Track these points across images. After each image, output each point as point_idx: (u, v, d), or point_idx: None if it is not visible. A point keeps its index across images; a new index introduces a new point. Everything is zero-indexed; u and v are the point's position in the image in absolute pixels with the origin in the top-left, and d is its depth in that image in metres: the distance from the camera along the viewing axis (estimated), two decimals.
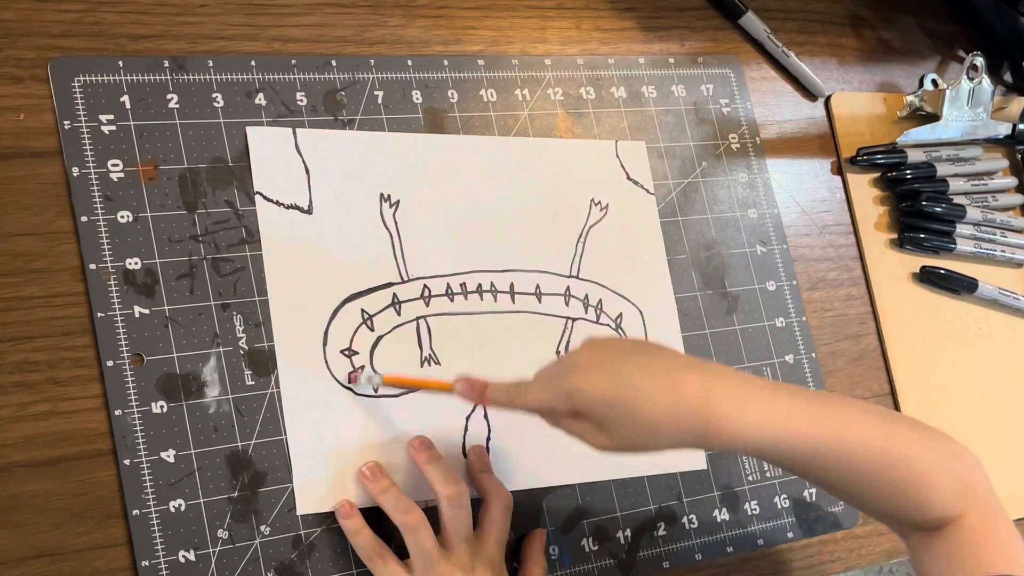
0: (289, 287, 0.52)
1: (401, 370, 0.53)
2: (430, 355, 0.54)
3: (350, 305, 0.53)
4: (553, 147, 0.61)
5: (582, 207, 0.61)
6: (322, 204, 0.54)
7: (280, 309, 0.52)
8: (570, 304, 0.59)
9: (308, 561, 0.50)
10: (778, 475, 0.63)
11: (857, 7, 0.77)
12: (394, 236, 0.55)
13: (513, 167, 0.60)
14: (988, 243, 0.73)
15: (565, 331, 0.58)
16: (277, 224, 0.53)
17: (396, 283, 0.55)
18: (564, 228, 0.60)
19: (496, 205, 0.58)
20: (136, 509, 0.47)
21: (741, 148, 0.68)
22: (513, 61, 0.62)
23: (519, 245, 0.58)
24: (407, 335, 0.54)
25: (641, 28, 0.68)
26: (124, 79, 0.52)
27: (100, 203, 0.50)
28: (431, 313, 0.55)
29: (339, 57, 0.57)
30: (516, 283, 0.57)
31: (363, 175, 0.55)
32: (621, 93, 0.65)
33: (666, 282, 0.62)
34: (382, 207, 0.55)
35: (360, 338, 0.53)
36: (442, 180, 0.57)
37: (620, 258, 0.61)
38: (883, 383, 0.69)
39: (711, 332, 0.63)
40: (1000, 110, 0.77)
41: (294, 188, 0.53)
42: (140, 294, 0.49)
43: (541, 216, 0.59)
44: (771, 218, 0.68)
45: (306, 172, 0.54)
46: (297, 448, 0.50)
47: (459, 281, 0.56)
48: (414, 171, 0.57)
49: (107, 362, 0.48)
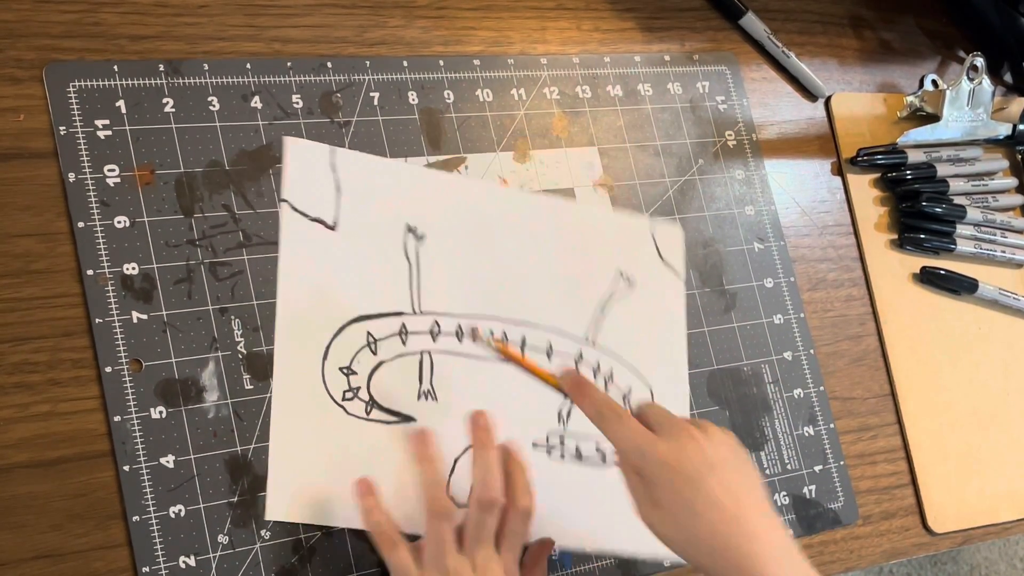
0: (299, 296, 0.52)
1: (397, 400, 0.53)
2: (429, 390, 0.54)
3: (357, 325, 0.53)
4: (589, 213, 0.61)
5: (608, 277, 0.60)
6: (347, 223, 0.53)
7: (286, 316, 0.51)
8: (580, 369, 0.58)
9: (309, 565, 0.50)
10: (777, 472, 0.63)
11: (857, 7, 0.77)
12: (413, 268, 0.55)
13: (545, 224, 0.59)
14: (988, 244, 0.73)
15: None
16: (298, 234, 0.52)
17: (407, 313, 0.54)
18: (586, 293, 0.59)
19: (521, 257, 0.58)
20: (136, 515, 0.47)
21: (738, 145, 0.68)
22: (509, 60, 0.62)
23: (537, 300, 0.57)
24: (409, 366, 0.54)
25: (641, 28, 0.67)
26: (119, 84, 0.51)
27: (97, 208, 0.49)
28: (437, 349, 0.54)
29: (334, 59, 0.57)
30: (528, 337, 0.57)
31: (393, 203, 0.55)
32: (617, 91, 0.65)
33: (682, 366, 0.61)
34: (407, 238, 0.55)
35: (361, 359, 0.53)
36: (471, 223, 0.57)
37: (639, 334, 0.60)
38: (883, 383, 0.69)
39: (709, 330, 0.63)
40: (1000, 110, 0.77)
41: (322, 203, 0.53)
42: (138, 299, 0.49)
43: (564, 277, 0.59)
44: (768, 215, 0.67)
45: (337, 190, 0.54)
46: (277, 452, 0.50)
47: (470, 324, 0.55)
48: (445, 209, 0.56)
49: (105, 368, 0.48)
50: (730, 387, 0.63)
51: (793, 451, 0.64)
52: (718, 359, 0.63)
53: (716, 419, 0.62)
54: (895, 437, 0.68)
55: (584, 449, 0.57)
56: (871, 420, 0.68)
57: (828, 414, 0.66)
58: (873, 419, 0.68)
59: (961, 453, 0.69)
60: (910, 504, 0.67)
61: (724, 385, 0.63)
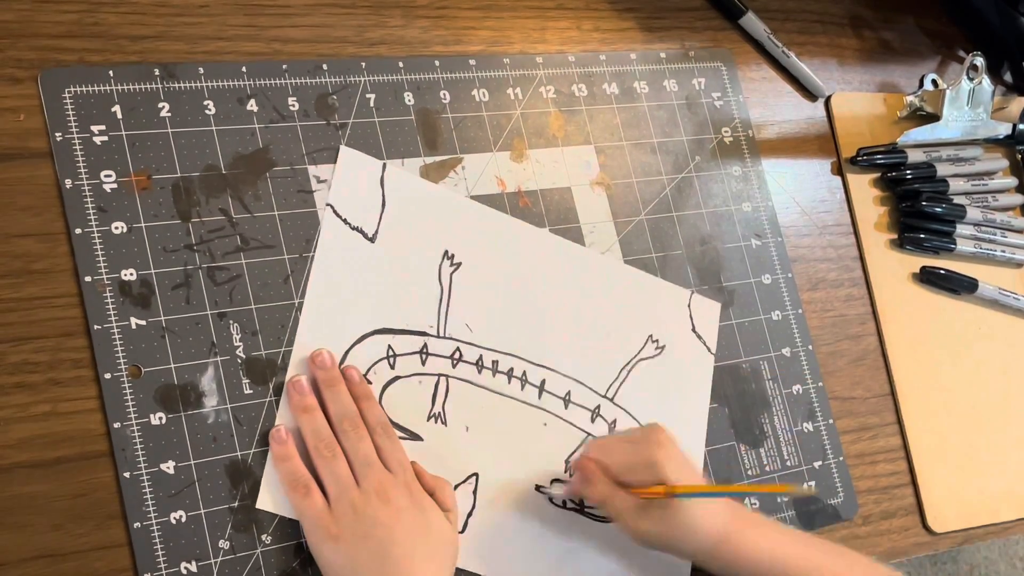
0: (328, 298, 0.52)
1: (406, 417, 0.53)
2: (439, 413, 0.54)
3: (379, 337, 0.53)
4: (629, 274, 0.61)
5: (638, 338, 0.60)
6: (386, 238, 0.54)
7: (310, 315, 0.52)
8: (596, 422, 0.58)
9: (310, 569, 0.50)
10: (777, 469, 0.63)
11: (857, 7, 0.76)
12: (444, 292, 0.55)
13: (583, 275, 0.60)
14: (988, 243, 0.73)
15: (581, 446, 0.57)
16: (337, 239, 0.53)
17: (431, 335, 0.55)
18: (614, 350, 0.60)
19: (553, 303, 0.58)
20: (137, 521, 0.47)
21: (734, 142, 0.68)
22: (504, 60, 0.62)
23: (563, 348, 0.58)
24: (424, 387, 0.54)
25: (641, 28, 0.67)
26: (115, 88, 0.51)
27: (94, 214, 0.49)
28: (455, 375, 0.55)
29: (330, 60, 0.57)
30: (548, 381, 0.57)
31: (435, 227, 0.56)
32: (613, 89, 0.65)
33: (700, 436, 0.61)
34: (442, 262, 0.55)
35: (378, 370, 0.53)
36: (509, 261, 0.58)
37: (660, 398, 0.60)
38: (883, 383, 0.69)
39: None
40: (1000, 110, 0.77)
41: (365, 214, 0.54)
42: (136, 305, 0.49)
43: (594, 331, 0.59)
44: (765, 211, 0.67)
45: (382, 204, 0.55)
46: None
47: (492, 357, 0.56)
48: (485, 243, 0.57)
49: (105, 374, 0.48)
50: (729, 384, 0.63)
51: (792, 447, 0.64)
52: (717, 356, 0.63)
53: (716, 416, 0.62)
54: (895, 437, 0.68)
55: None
56: (871, 420, 0.68)
57: (827, 410, 0.66)
58: (873, 419, 0.68)
59: (961, 453, 0.69)
60: (910, 504, 0.67)
61: (723, 382, 0.63)
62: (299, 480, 0.49)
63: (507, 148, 0.60)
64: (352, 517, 0.47)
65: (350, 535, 0.47)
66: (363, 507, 0.48)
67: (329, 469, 0.49)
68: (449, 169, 0.58)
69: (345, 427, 0.50)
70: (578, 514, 0.56)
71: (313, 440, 0.49)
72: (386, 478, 0.49)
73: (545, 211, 0.60)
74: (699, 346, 0.62)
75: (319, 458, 0.49)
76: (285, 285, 0.52)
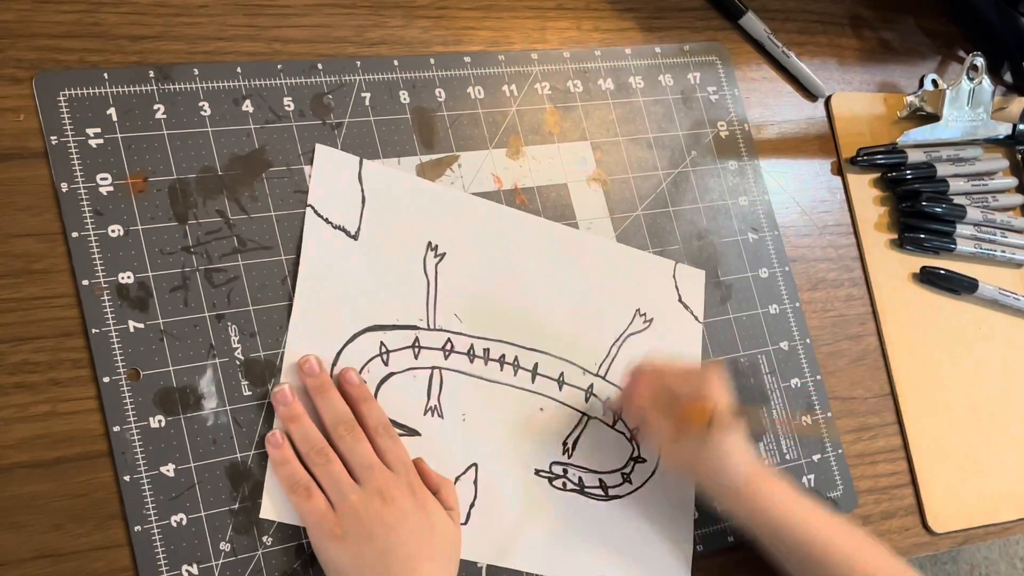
0: (316, 301, 0.52)
1: (403, 412, 0.53)
2: (435, 406, 0.54)
3: (371, 335, 0.53)
4: (612, 250, 0.61)
5: (626, 313, 0.60)
6: (369, 234, 0.54)
7: (300, 319, 0.51)
8: (590, 401, 0.58)
9: (311, 570, 0.50)
10: (776, 463, 0.63)
11: (857, 7, 0.76)
12: (431, 284, 0.55)
13: (567, 255, 0.59)
14: (988, 243, 0.73)
15: (578, 426, 0.58)
16: (320, 239, 0.53)
17: (422, 328, 0.54)
18: (603, 328, 0.59)
19: (540, 286, 0.58)
20: (138, 525, 0.47)
21: (730, 136, 0.67)
22: (500, 57, 0.61)
23: (553, 330, 0.58)
24: (418, 380, 0.54)
25: (641, 28, 0.67)
26: (110, 91, 0.51)
27: (90, 218, 0.49)
28: (448, 367, 0.55)
29: (325, 60, 0.56)
30: (540, 364, 0.57)
31: (417, 219, 0.56)
32: (608, 85, 0.64)
33: None
34: (427, 254, 0.55)
35: (372, 369, 0.53)
36: (492, 247, 0.57)
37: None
38: (883, 383, 0.69)
39: (705, 322, 0.63)
40: (1000, 110, 0.77)
41: (346, 212, 0.54)
42: (134, 308, 0.49)
43: (582, 310, 0.59)
44: (762, 205, 0.67)
45: (362, 201, 0.54)
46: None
47: (483, 346, 0.55)
48: (468, 231, 0.57)
49: (104, 378, 0.48)
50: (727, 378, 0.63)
51: (791, 441, 0.64)
52: (715, 351, 0.63)
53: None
54: (895, 437, 0.68)
55: (587, 480, 0.57)
56: (871, 420, 0.68)
57: (826, 403, 0.66)
58: (873, 419, 0.68)
59: (961, 453, 0.69)
60: (910, 504, 0.67)
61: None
62: (299, 483, 0.48)
63: (503, 145, 0.60)
64: (355, 518, 0.47)
65: (354, 536, 0.47)
66: (366, 508, 0.48)
67: (325, 474, 0.49)
68: (445, 167, 0.58)
69: (341, 432, 0.50)
70: (579, 495, 0.56)
71: (305, 447, 0.49)
72: (388, 478, 0.49)
73: (542, 208, 0.60)
74: (687, 315, 0.62)
75: (313, 465, 0.49)
76: (283, 286, 0.52)
